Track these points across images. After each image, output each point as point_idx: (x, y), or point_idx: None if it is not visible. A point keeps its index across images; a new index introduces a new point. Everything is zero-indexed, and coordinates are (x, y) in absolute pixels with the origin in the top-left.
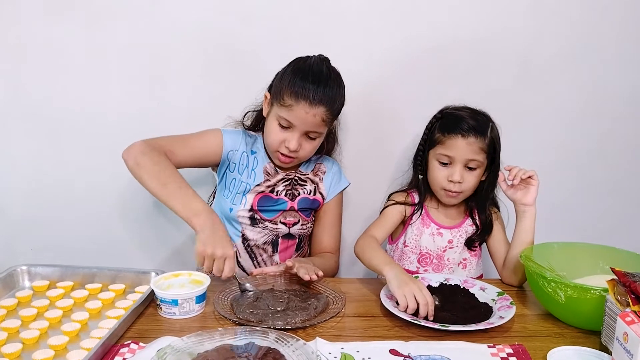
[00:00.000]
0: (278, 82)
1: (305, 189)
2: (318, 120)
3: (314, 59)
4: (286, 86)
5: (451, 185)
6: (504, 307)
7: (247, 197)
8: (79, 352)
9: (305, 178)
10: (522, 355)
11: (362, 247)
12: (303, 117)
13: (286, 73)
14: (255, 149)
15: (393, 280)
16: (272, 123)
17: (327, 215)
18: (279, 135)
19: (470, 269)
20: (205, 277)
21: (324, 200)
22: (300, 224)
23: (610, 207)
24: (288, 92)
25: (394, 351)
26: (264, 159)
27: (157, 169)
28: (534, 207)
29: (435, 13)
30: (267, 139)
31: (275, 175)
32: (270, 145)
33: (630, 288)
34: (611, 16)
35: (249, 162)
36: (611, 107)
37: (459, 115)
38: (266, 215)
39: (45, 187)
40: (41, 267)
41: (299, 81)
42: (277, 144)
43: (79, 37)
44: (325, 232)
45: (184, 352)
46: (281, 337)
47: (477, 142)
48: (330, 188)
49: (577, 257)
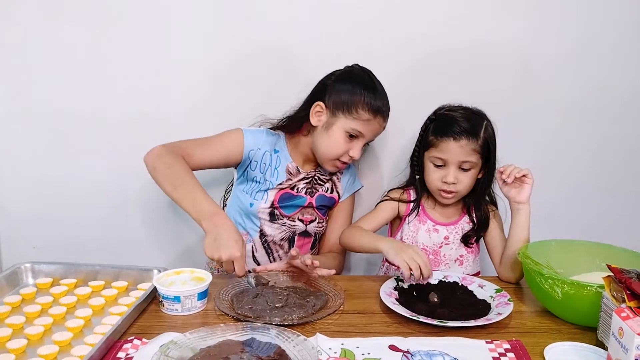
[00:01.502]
0: (342, 94)
1: (323, 187)
2: (381, 128)
3: (367, 72)
4: (360, 100)
5: (446, 186)
6: (502, 303)
7: (269, 194)
8: (83, 348)
9: (325, 178)
10: (520, 351)
11: (348, 234)
12: (373, 130)
13: (353, 86)
14: (278, 148)
15: (390, 250)
16: (338, 134)
17: (339, 215)
18: (345, 146)
19: (467, 266)
20: (207, 274)
21: (339, 199)
22: (316, 222)
23: (608, 206)
24: (365, 107)
25: (394, 347)
26: (287, 158)
27: (169, 171)
28: (528, 205)
29: (434, 13)
30: (329, 149)
31: (297, 174)
32: (331, 155)
33: (625, 284)
34: (610, 17)
35: (272, 161)
36: (609, 107)
37: (451, 118)
38: (286, 211)
39: (47, 186)
40: (45, 264)
41: (373, 98)
42: (341, 153)
43: (80, 37)
44: (334, 232)
45: (187, 347)
46: (282, 332)
47: (470, 144)
48: (345, 187)
49: (574, 254)
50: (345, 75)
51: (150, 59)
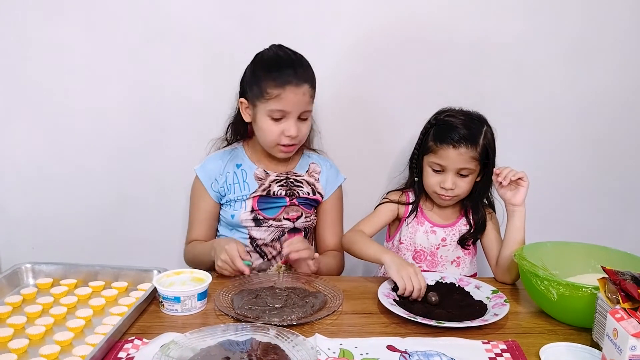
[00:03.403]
0: (252, 83)
1: (302, 191)
2: (307, 98)
3: (273, 48)
4: (264, 81)
5: (444, 191)
6: (498, 304)
7: (246, 202)
8: (85, 348)
9: (301, 179)
10: (516, 352)
11: (351, 240)
12: (294, 100)
13: (256, 71)
14: (239, 162)
15: (392, 265)
16: (264, 121)
17: (329, 213)
18: (276, 129)
19: (464, 267)
20: (206, 275)
21: (323, 198)
22: (304, 217)
23: (603, 208)
24: (271, 85)
25: (391, 347)
26: (251, 166)
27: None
28: (523, 207)
29: (432, 14)
30: (265, 137)
31: (266, 177)
32: (269, 142)
33: (620, 286)
34: (608, 18)
35: (239, 177)
36: (606, 109)
37: (451, 124)
38: (268, 213)
39: (46, 186)
40: (45, 264)
41: (276, 71)
42: (276, 137)
43: (79, 36)
44: (328, 231)
45: (187, 347)
46: (281, 333)
47: (469, 152)
48: (327, 186)
49: (569, 256)
50: (251, 64)
51: (150, 59)
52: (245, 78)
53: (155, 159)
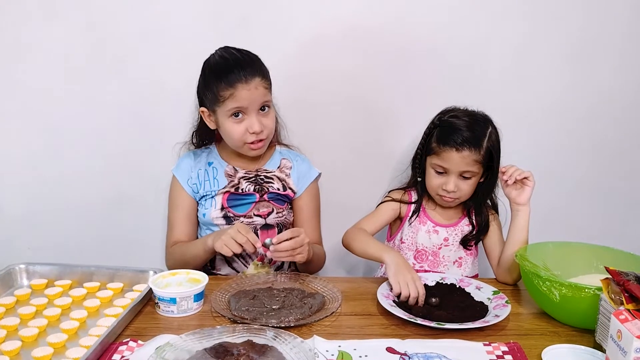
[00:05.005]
0: (206, 90)
1: (272, 186)
2: (260, 90)
3: (218, 52)
4: (216, 85)
5: (446, 193)
6: (500, 305)
7: (216, 199)
8: (78, 350)
9: (272, 175)
10: (517, 353)
11: (352, 237)
12: (247, 95)
13: (207, 78)
14: (211, 160)
15: (391, 266)
16: (227, 123)
17: (304, 209)
18: (239, 128)
19: (466, 268)
20: (203, 276)
21: (295, 195)
22: (275, 213)
23: (606, 208)
24: (222, 87)
25: (391, 349)
26: (222, 164)
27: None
28: (528, 207)
29: (433, 14)
30: (231, 139)
31: (235, 174)
32: (236, 142)
33: (624, 287)
34: (608, 18)
35: (209, 174)
36: (608, 109)
37: (454, 126)
38: (238, 210)
39: (42, 186)
40: (39, 265)
41: (225, 73)
42: (241, 136)
43: (77, 37)
44: (307, 225)
45: (183, 349)
46: (279, 334)
47: (472, 155)
48: (299, 182)
49: (572, 256)
50: (201, 73)
51: (148, 59)
52: (199, 87)
53: (152, 160)
